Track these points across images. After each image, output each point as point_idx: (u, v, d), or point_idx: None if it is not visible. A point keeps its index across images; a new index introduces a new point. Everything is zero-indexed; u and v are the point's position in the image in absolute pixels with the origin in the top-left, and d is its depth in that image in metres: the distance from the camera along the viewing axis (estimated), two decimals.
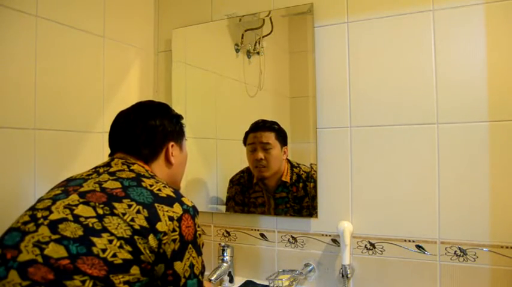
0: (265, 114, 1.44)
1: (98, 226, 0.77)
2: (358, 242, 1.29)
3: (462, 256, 1.16)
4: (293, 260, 1.38)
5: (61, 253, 0.73)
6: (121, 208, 0.80)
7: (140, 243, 0.78)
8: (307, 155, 1.37)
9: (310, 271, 1.35)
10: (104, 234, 0.76)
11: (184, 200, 0.88)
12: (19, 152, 1.15)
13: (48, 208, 0.81)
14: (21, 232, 0.78)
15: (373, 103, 1.28)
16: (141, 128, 0.98)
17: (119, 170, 0.91)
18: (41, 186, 1.17)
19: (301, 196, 1.37)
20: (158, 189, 0.87)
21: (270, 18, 1.44)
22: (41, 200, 0.86)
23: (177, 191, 0.90)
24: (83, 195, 0.83)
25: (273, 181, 1.42)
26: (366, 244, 1.28)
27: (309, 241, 1.37)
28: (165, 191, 0.87)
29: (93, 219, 0.78)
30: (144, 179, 0.89)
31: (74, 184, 0.88)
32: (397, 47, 1.25)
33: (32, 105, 1.19)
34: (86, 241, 0.75)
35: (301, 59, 1.38)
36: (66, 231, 0.76)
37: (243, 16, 1.48)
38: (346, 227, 1.25)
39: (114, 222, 0.78)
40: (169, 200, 0.85)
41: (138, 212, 0.80)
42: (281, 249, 1.41)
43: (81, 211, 0.79)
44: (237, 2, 1.51)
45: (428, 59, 1.21)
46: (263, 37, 1.46)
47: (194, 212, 0.88)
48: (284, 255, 1.41)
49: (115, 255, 0.75)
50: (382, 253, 1.26)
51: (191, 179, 1.56)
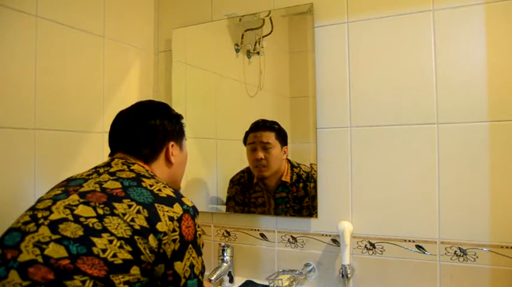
0: (265, 114, 1.44)
1: (98, 226, 0.77)
2: (358, 242, 1.29)
3: (462, 256, 1.16)
4: (293, 260, 1.38)
5: (61, 253, 0.73)
6: (121, 208, 0.80)
7: (140, 243, 0.78)
8: (307, 155, 1.37)
9: (310, 271, 1.35)
10: (104, 234, 0.76)
11: (184, 200, 0.88)
12: (19, 152, 1.15)
13: (48, 208, 0.81)
14: (22, 232, 0.78)
15: (373, 103, 1.28)
16: (141, 128, 0.98)
17: (119, 170, 0.91)
18: (41, 186, 1.17)
19: (301, 196, 1.37)
20: (158, 189, 0.86)
21: (270, 18, 1.44)
22: (41, 200, 0.86)
23: (177, 191, 0.90)
24: (83, 195, 0.83)
25: (273, 180, 1.42)
26: (366, 244, 1.28)
27: (309, 241, 1.37)
28: (165, 191, 0.87)
29: (93, 219, 0.78)
30: (144, 179, 0.89)
31: (74, 184, 0.88)
32: (397, 47, 1.25)
33: (32, 105, 1.19)
34: (86, 241, 0.75)
35: (301, 59, 1.38)
36: (66, 231, 0.76)
37: (243, 16, 1.48)
38: (346, 227, 1.25)
39: (114, 222, 0.78)
40: (169, 200, 0.85)
41: (138, 212, 0.80)
42: (281, 249, 1.41)
43: (81, 211, 0.79)
44: (237, 2, 1.51)
45: (428, 59, 1.21)
46: (263, 37, 1.46)
47: (194, 213, 0.88)
48: (284, 255, 1.41)
49: (115, 255, 0.75)
50: (382, 253, 1.26)
51: (191, 179, 1.56)
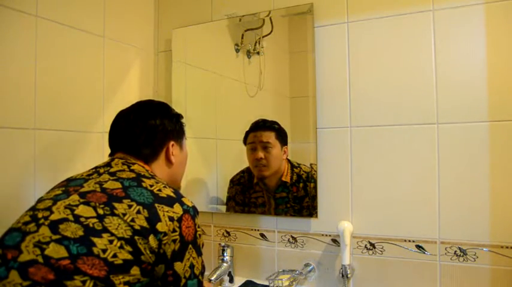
0: (265, 115, 1.44)
1: (98, 226, 0.77)
2: (358, 242, 1.29)
3: (462, 256, 1.16)
4: (293, 260, 1.38)
5: (61, 253, 0.73)
6: (121, 208, 0.80)
7: (141, 243, 0.78)
8: (307, 155, 1.37)
9: (310, 271, 1.35)
10: (105, 234, 0.76)
11: (184, 200, 0.88)
12: (19, 152, 1.15)
13: (49, 208, 0.81)
14: (22, 232, 0.78)
15: (373, 103, 1.28)
16: (141, 128, 0.98)
17: (119, 170, 0.91)
18: (41, 186, 1.17)
19: (302, 196, 1.37)
20: (158, 189, 0.86)
21: (270, 18, 1.44)
22: (41, 201, 0.86)
23: (177, 192, 0.90)
24: (84, 195, 0.83)
25: (273, 180, 1.42)
26: (366, 244, 1.28)
27: (309, 241, 1.37)
28: (166, 191, 0.87)
29: (93, 219, 0.78)
30: (144, 179, 0.89)
31: (74, 184, 0.88)
32: (397, 47, 1.25)
33: (32, 105, 1.19)
34: (86, 241, 0.75)
35: (301, 59, 1.38)
36: (66, 231, 0.76)
37: (243, 16, 1.48)
38: (346, 227, 1.25)
39: (115, 222, 0.78)
40: (169, 201, 0.85)
41: (138, 213, 0.80)
42: (281, 249, 1.41)
43: (81, 211, 0.79)
44: (237, 2, 1.51)
45: (428, 59, 1.21)
46: (263, 37, 1.46)
47: (194, 213, 0.88)
48: (284, 255, 1.41)
49: (115, 255, 0.75)
50: (382, 253, 1.26)
51: (191, 179, 1.56)
